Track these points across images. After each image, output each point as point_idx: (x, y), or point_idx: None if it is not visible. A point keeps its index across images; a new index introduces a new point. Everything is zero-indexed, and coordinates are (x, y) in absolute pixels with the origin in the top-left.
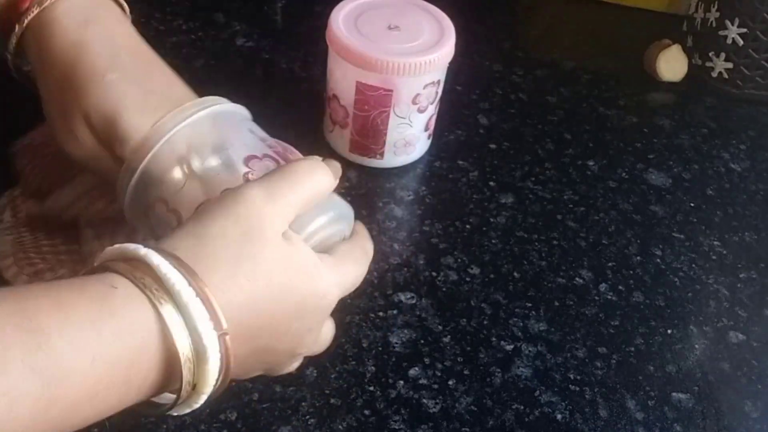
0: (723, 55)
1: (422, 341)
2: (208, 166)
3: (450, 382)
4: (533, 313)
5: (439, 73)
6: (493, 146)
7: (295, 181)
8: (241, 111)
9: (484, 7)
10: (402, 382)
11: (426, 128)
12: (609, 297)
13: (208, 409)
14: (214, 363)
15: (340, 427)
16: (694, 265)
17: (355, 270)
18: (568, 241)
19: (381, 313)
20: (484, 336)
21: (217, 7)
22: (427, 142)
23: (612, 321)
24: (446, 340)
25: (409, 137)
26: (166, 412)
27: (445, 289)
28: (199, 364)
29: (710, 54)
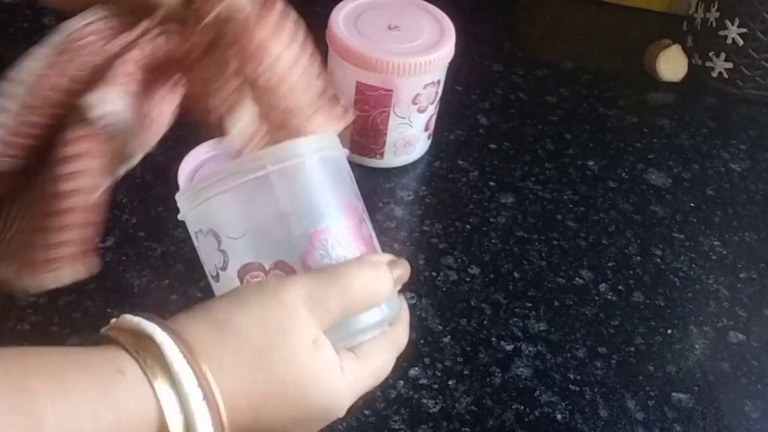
0: (723, 55)
1: (422, 341)
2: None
3: (450, 382)
4: (533, 313)
5: (439, 73)
6: (493, 146)
7: (345, 289)
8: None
9: (484, 7)
10: (402, 382)
11: (426, 128)
12: (609, 297)
13: None
14: None
15: (340, 427)
16: (694, 265)
17: (378, 367)
18: (568, 241)
19: None
20: (484, 336)
21: None
22: (427, 142)
23: (612, 321)
24: (446, 340)
25: (409, 137)
26: None
27: (445, 289)
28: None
29: (710, 54)
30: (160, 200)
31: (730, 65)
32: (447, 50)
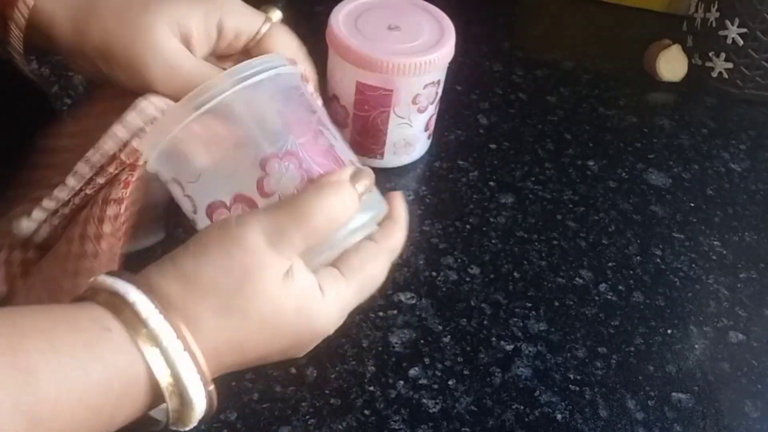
0: (723, 55)
1: (422, 341)
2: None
3: (450, 382)
4: (533, 313)
5: (439, 73)
6: (493, 146)
7: (306, 220)
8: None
9: (484, 7)
10: (402, 382)
11: (426, 128)
12: (609, 297)
13: None
14: (200, 409)
15: (340, 427)
16: (694, 265)
17: (367, 277)
18: (568, 241)
19: (381, 313)
20: (484, 336)
21: None
22: (427, 142)
23: (612, 321)
24: (446, 340)
25: (409, 137)
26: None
27: (445, 289)
28: (185, 410)
29: (710, 54)
30: None
31: (730, 65)
32: (447, 50)
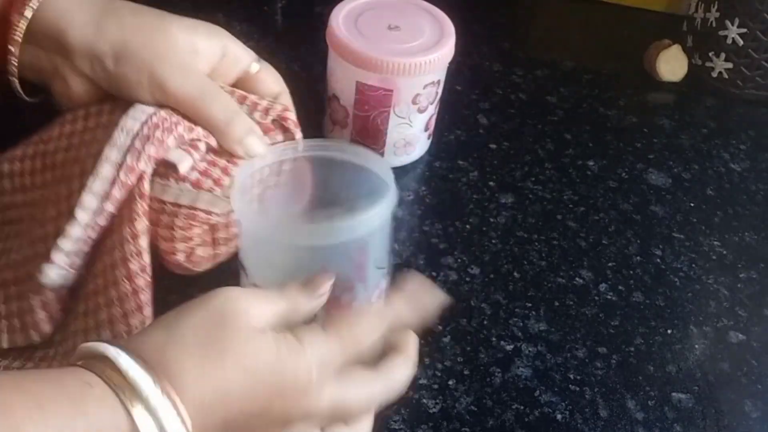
0: (723, 55)
1: (422, 341)
2: None
3: (450, 382)
4: (533, 313)
5: (439, 73)
6: (493, 146)
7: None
8: None
9: (484, 7)
10: None
11: (426, 128)
12: (609, 297)
13: None
14: None
15: None
16: (694, 265)
17: (356, 333)
18: (568, 241)
19: None
20: (484, 336)
21: (217, 7)
22: (427, 142)
23: (612, 321)
24: (446, 340)
25: (409, 137)
26: None
27: (445, 289)
28: None
29: (710, 54)
30: None
31: (730, 65)
32: (447, 50)
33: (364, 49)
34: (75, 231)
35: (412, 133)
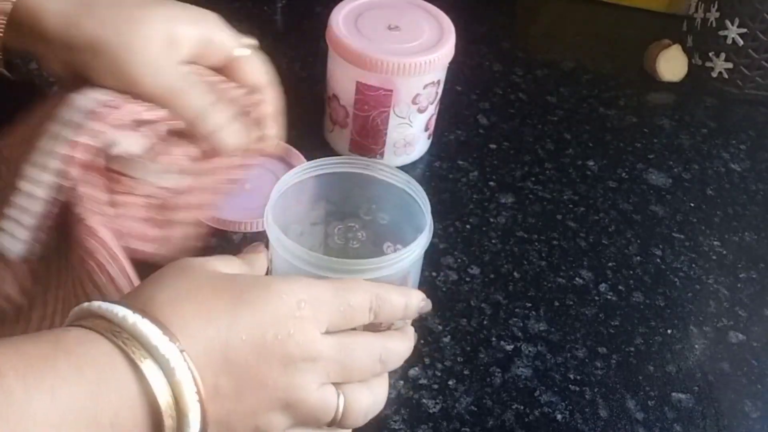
0: (723, 55)
1: (422, 341)
2: None
3: (450, 382)
4: (533, 313)
5: (439, 73)
6: (493, 146)
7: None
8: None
9: (484, 7)
10: (402, 382)
11: (426, 128)
12: (609, 297)
13: None
14: (195, 414)
15: None
16: (694, 265)
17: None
18: (568, 241)
19: None
20: (484, 336)
21: (217, 7)
22: (427, 142)
23: (612, 321)
24: (446, 340)
25: (409, 137)
26: None
27: (445, 289)
28: (180, 416)
29: (710, 54)
30: None
31: (730, 65)
32: (447, 50)
33: (364, 49)
34: (21, 201)
35: (412, 133)
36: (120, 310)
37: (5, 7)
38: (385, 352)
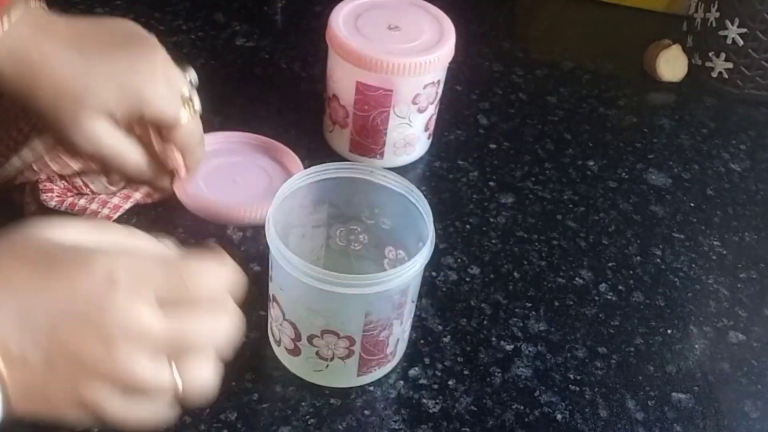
0: (723, 55)
1: (422, 341)
2: None
3: (450, 382)
4: (533, 313)
5: (439, 73)
6: (493, 146)
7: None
8: None
9: (484, 7)
10: (402, 382)
11: (426, 128)
12: (609, 297)
13: (208, 409)
14: None
15: (340, 427)
16: (694, 265)
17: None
18: (568, 241)
19: None
20: (484, 336)
21: (217, 7)
22: (427, 142)
23: (612, 321)
24: (446, 340)
25: (409, 137)
26: None
27: (445, 289)
28: None
29: (710, 54)
30: None
31: (730, 65)
32: (447, 50)
33: (364, 49)
34: None
35: (412, 133)
36: None
37: None
38: (216, 324)
